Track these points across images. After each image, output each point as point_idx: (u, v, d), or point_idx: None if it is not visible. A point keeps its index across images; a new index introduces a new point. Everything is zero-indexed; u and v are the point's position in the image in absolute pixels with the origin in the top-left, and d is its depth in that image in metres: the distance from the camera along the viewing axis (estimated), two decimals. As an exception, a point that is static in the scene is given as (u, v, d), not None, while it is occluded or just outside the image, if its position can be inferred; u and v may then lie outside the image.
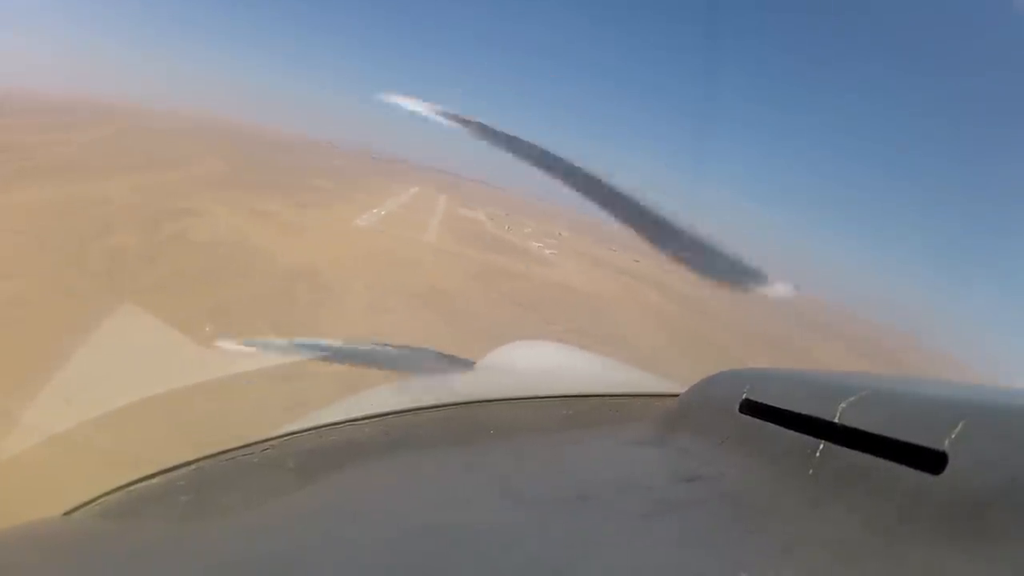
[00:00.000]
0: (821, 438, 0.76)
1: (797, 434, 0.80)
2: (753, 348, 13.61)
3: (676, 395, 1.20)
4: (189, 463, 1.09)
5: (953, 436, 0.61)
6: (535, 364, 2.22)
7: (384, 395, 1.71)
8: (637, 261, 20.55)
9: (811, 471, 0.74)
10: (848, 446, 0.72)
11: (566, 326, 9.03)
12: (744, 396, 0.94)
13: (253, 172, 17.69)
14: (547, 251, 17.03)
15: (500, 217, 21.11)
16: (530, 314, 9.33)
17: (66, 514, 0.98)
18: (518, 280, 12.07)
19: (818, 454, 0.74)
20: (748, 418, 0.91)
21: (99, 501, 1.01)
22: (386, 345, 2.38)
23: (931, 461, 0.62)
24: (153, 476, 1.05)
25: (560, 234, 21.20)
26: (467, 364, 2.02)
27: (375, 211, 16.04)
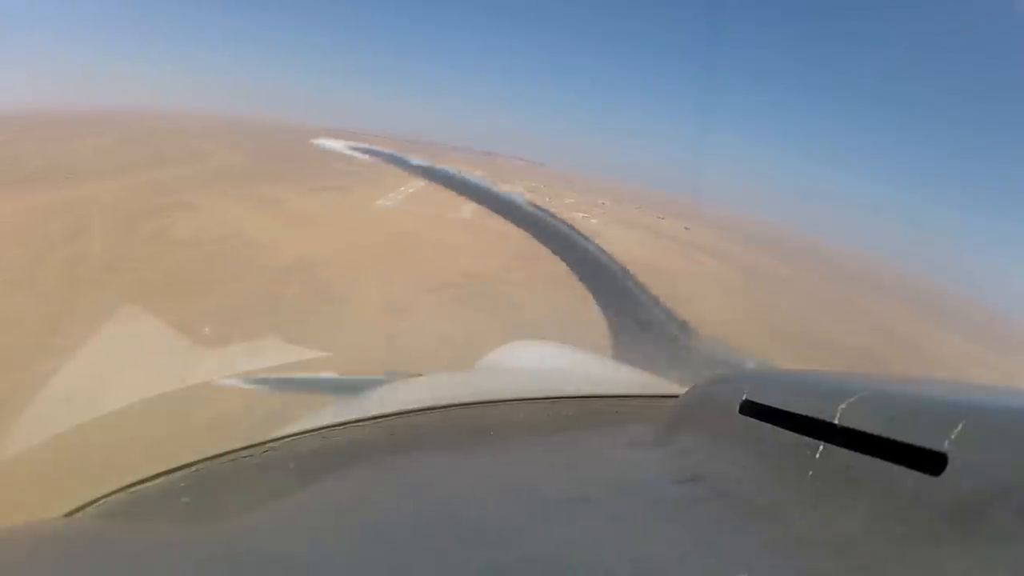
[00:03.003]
0: (821, 439, 0.74)
1: (797, 435, 0.78)
2: (826, 313, 11.98)
3: (676, 396, 1.17)
4: (190, 464, 1.05)
5: (953, 437, 0.60)
6: (536, 365, 2.15)
7: (385, 396, 1.66)
8: (687, 228, 19.04)
9: (811, 472, 0.72)
10: (848, 447, 0.71)
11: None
12: (744, 397, 0.92)
13: (274, 162, 16.09)
14: (592, 221, 15.21)
15: (540, 190, 19.36)
16: (590, 299, 7.34)
17: (67, 515, 0.95)
18: (566, 258, 10.09)
19: (818, 455, 0.73)
20: (748, 419, 0.89)
21: (100, 502, 0.98)
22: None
23: (931, 462, 0.61)
24: (154, 477, 1.01)
25: (603, 203, 19.37)
26: (467, 366, 1.99)
27: (401, 190, 14.19)
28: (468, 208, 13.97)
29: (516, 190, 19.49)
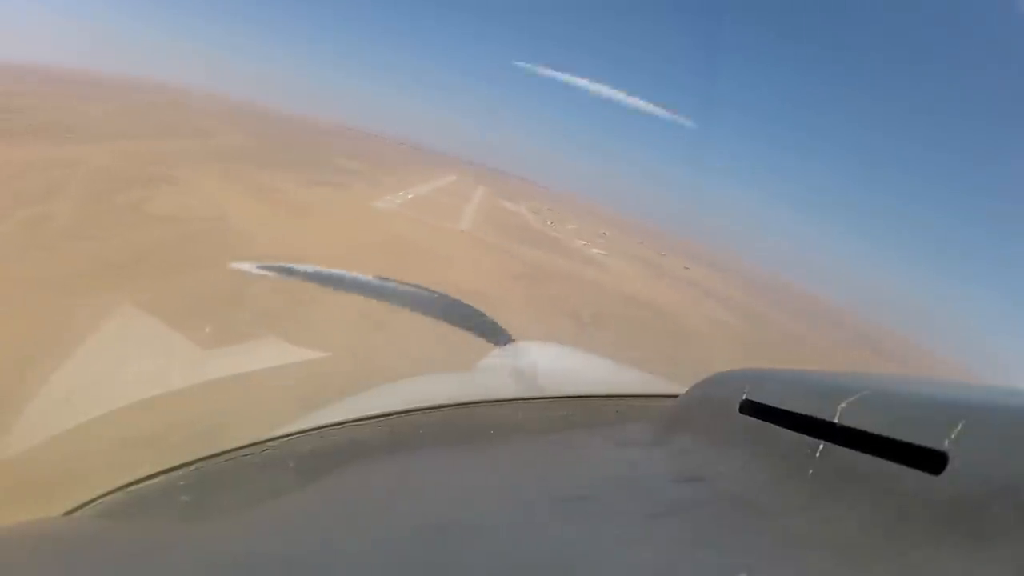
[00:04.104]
0: (821, 438, 0.74)
1: (797, 434, 0.78)
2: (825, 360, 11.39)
3: (676, 396, 1.15)
4: (190, 463, 1.04)
5: (953, 436, 0.59)
6: (535, 365, 2.04)
7: (385, 395, 1.65)
8: (687, 268, 18.61)
9: (811, 471, 0.72)
10: (848, 446, 0.70)
11: (644, 352, 6.38)
12: (744, 396, 0.91)
13: (277, 149, 15.43)
14: (594, 250, 14.69)
15: (543, 212, 18.81)
16: (594, 332, 6.63)
17: (67, 514, 0.94)
18: (569, 284, 9.49)
19: (818, 454, 0.72)
20: (748, 418, 0.88)
21: (100, 501, 0.96)
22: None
23: (931, 461, 0.60)
24: (154, 476, 1.00)
25: (605, 233, 18.93)
26: (467, 365, 2.01)
27: (402, 194, 13.53)
28: (467, 221, 13.35)
29: (518, 210, 19.04)
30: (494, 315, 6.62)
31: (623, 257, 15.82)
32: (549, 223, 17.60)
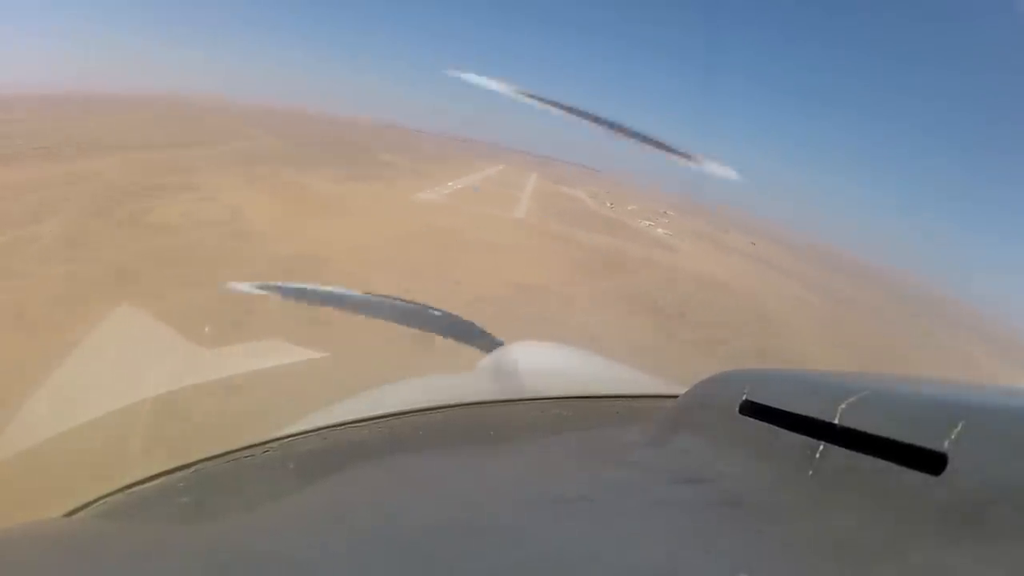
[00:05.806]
0: (821, 439, 0.72)
1: (797, 435, 0.76)
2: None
3: (676, 396, 1.14)
4: (190, 465, 1.02)
5: (953, 436, 0.59)
6: (535, 365, 1.99)
7: (385, 396, 1.64)
8: (754, 244, 17.62)
9: (811, 472, 0.71)
10: (848, 447, 0.69)
11: (740, 345, 5.41)
12: (744, 397, 0.89)
13: (311, 149, 14.86)
14: (660, 230, 13.62)
15: (600, 194, 17.92)
16: (679, 328, 5.63)
17: (67, 515, 0.93)
18: (640, 271, 8.42)
19: (818, 455, 0.71)
20: (748, 419, 0.87)
21: (100, 502, 0.95)
22: None
23: (931, 461, 0.59)
24: (154, 477, 0.99)
25: (667, 213, 17.93)
26: (468, 366, 2.07)
27: (449, 184, 12.74)
28: (522, 208, 12.50)
29: (577, 195, 18.28)
30: (561, 315, 5.77)
31: (690, 238, 14.85)
32: (609, 204, 16.74)
